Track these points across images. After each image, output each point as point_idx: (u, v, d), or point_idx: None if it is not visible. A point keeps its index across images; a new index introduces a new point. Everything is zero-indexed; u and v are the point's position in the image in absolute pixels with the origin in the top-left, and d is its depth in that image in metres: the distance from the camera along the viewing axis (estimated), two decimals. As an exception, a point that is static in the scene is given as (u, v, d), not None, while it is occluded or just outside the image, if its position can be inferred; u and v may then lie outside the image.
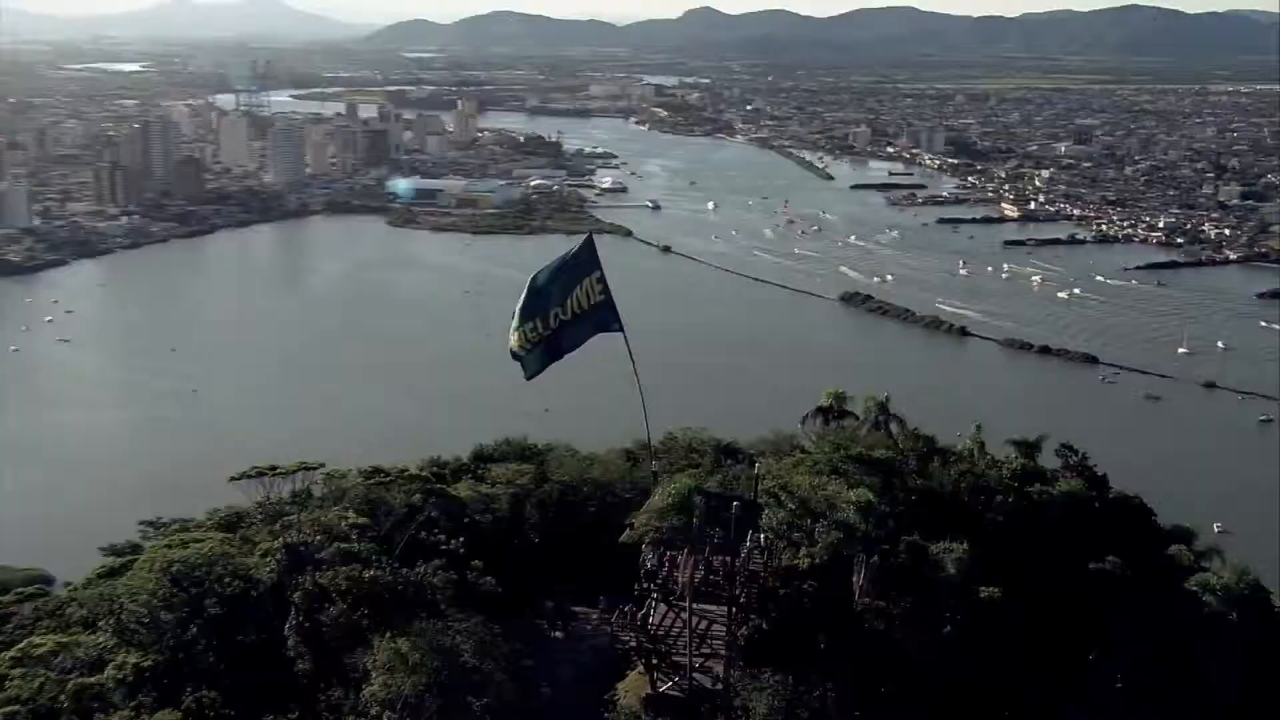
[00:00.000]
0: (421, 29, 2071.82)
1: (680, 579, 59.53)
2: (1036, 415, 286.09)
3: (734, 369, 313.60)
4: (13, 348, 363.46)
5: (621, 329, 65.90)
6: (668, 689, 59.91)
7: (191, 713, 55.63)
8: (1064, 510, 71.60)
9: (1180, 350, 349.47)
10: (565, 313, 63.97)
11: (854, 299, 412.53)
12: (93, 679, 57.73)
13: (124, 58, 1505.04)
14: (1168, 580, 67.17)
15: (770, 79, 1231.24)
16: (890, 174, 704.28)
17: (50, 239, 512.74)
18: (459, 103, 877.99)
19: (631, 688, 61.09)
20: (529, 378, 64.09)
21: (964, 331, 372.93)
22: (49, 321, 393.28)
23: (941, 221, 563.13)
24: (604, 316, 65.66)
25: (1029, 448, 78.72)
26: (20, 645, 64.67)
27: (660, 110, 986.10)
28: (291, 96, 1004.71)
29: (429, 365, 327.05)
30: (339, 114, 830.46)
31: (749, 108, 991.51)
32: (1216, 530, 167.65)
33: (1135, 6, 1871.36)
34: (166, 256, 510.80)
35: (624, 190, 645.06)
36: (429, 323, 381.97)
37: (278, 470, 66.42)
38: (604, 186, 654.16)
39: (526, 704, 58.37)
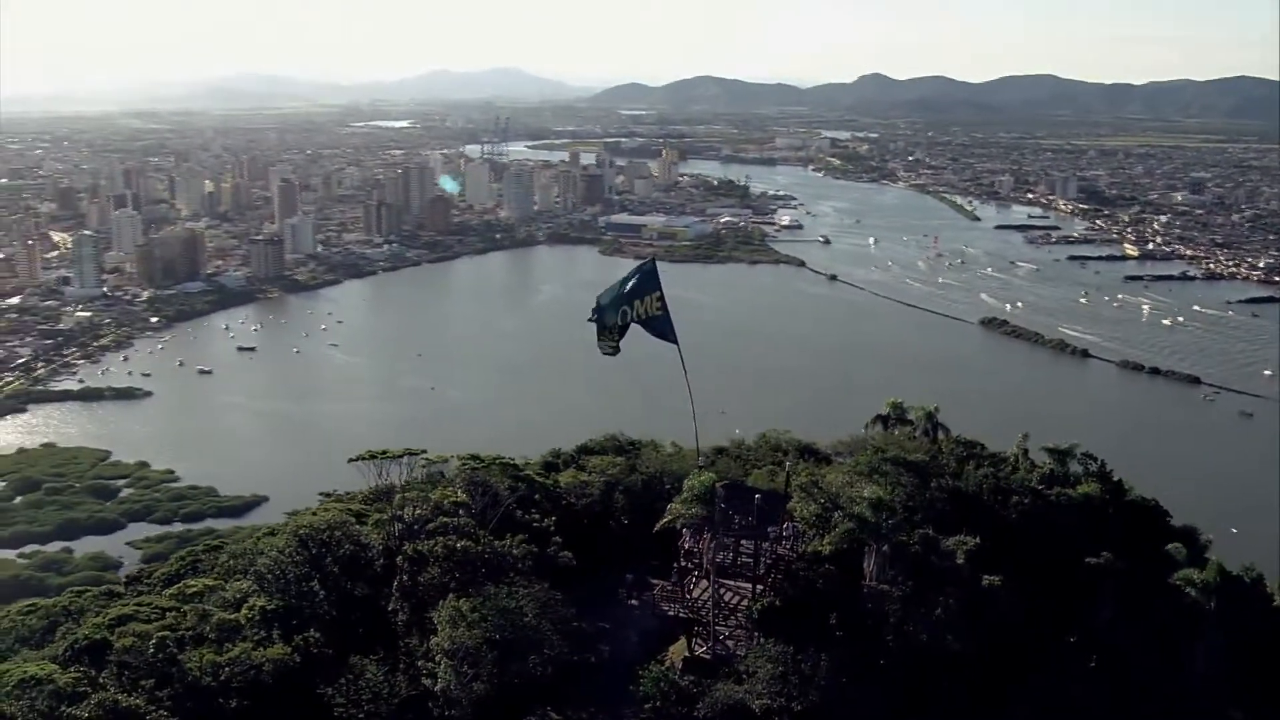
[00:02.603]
0: (636, 91, 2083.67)
1: (704, 559, 59.99)
2: (1146, 426, 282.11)
3: (883, 380, 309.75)
4: (294, 350, 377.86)
5: (676, 341, 66.99)
6: (701, 653, 60.15)
7: (299, 649, 57.27)
8: (1077, 511, 70.01)
9: (1266, 373, 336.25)
10: (626, 318, 65.88)
11: (992, 323, 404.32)
12: (231, 616, 60.05)
13: (395, 116, 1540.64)
14: (1158, 575, 65.49)
15: (930, 134, 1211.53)
16: (1029, 216, 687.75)
17: (328, 262, 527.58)
18: (663, 152, 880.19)
19: (678, 650, 61.38)
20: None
21: (1085, 353, 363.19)
22: (323, 330, 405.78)
23: (1071, 258, 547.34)
24: (662, 328, 66.86)
25: (1061, 454, 76.78)
26: (178, 585, 67.46)
27: (834, 159, 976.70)
28: (526, 146, 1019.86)
29: (628, 370, 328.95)
30: (563, 161, 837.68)
31: (910, 158, 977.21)
32: (1235, 533, 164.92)
33: (1244, 77, 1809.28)
34: (418, 277, 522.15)
35: (799, 227, 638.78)
36: (629, 336, 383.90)
37: (386, 454, 67.96)
38: (783, 224, 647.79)
39: (579, 661, 58.91)
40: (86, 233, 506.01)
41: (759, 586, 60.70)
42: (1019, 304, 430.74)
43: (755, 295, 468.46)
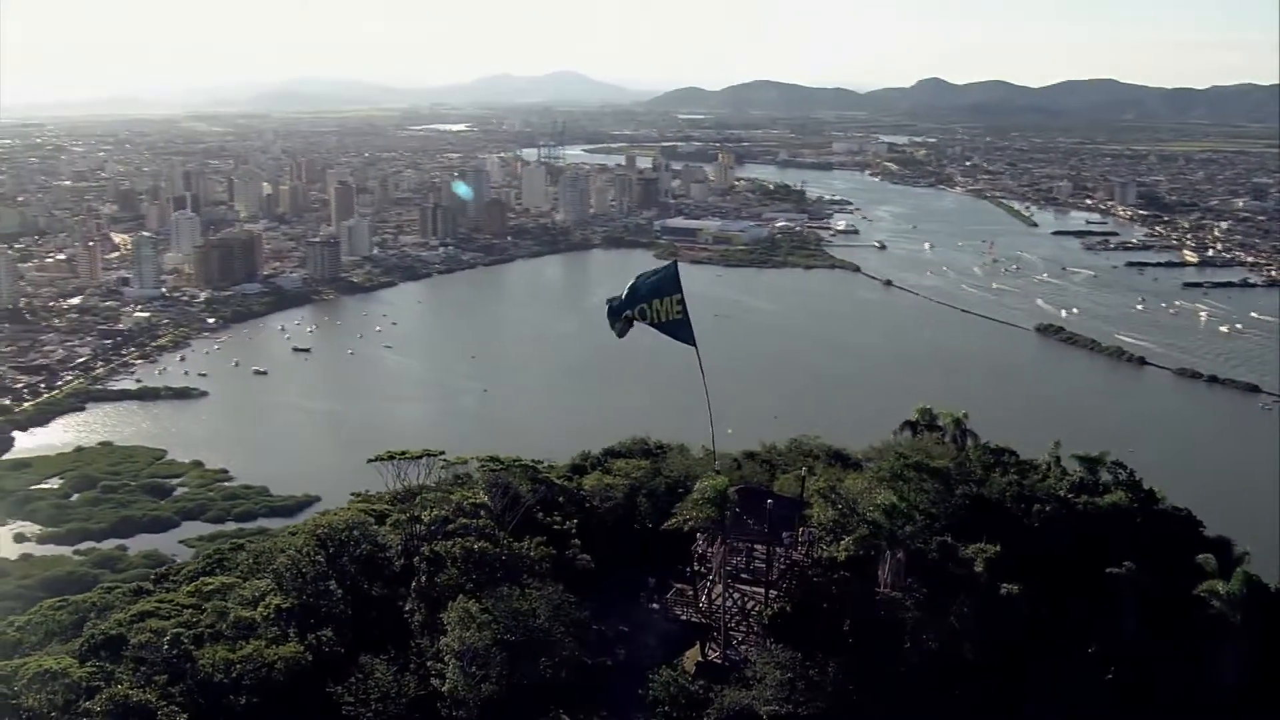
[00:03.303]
0: (694, 95, 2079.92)
1: (714, 562, 59.69)
2: (1200, 435, 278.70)
3: (934, 386, 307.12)
4: (349, 351, 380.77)
5: (694, 345, 66.30)
6: (713, 658, 59.82)
7: (311, 647, 57.79)
8: (1103, 520, 69.00)
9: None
10: (644, 318, 64.76)
11: (1048, 329, 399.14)
12: (247, 613, 60.68)
13: (453, 120, 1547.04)
14: (1185, 586, 64.35)
15: (988, 139, 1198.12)
16: (1087, 222, 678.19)
17: (384, 264, 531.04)
18: (719, 156, 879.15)
19: (694, 655, 61.27)
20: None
21: (1142, 361, 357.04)
22: (378, 331, 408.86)
23: (1129, 264, 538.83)
24: (681, 331, 65.97)
25: (1091, 462, 75.71)
26: (195, 582, 68.06)
27: (891, 164, 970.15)
28: (583, 150, 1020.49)
29: (681, 374, 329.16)
30: (619, 165, 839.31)
31: (968, 163, 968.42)
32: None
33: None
34: (473, 280, 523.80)
35: (855, 232, 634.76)
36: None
37: (406, 454, 68.15)
38: (838, 228, 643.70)
39: (593, 664, 58.89)
40: (146, 234, 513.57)
41: (772, 592, 60.45)
42: (1074, 310, 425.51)
43: (810, 300, 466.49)
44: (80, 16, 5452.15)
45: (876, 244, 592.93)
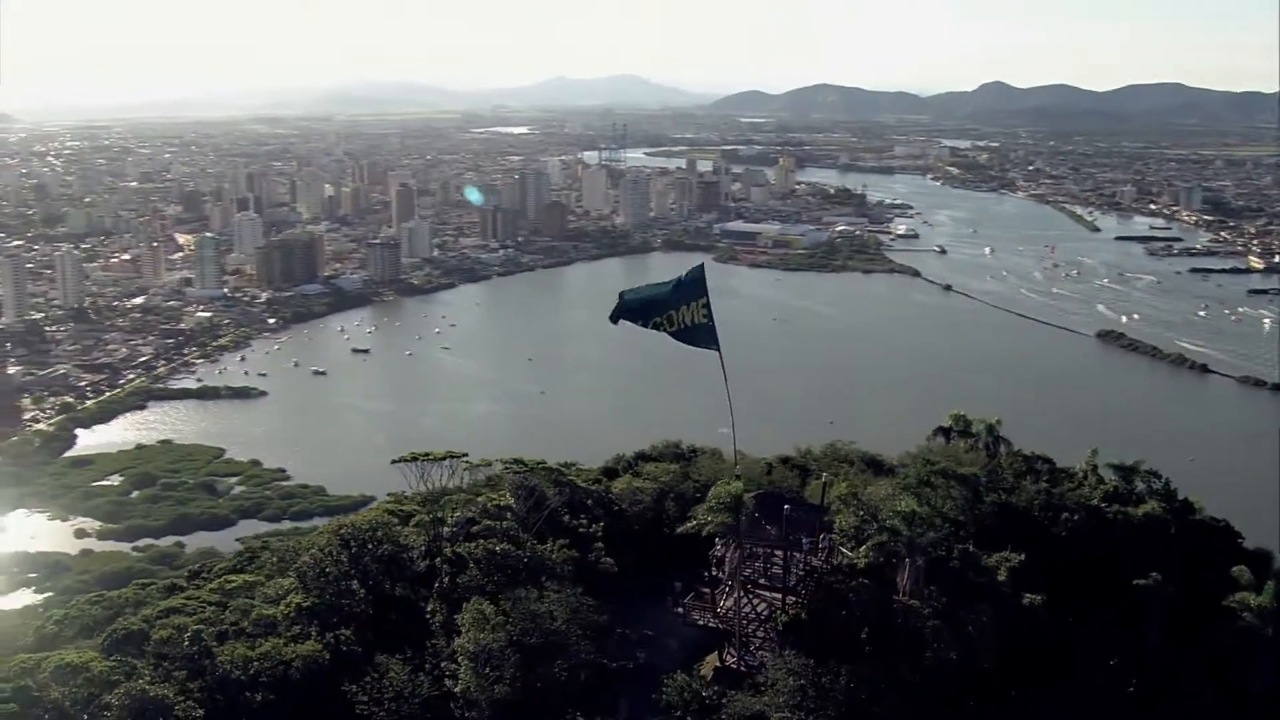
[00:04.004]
0: (755, 98, 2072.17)
1: (730, 567, 59.08)
2: (1262, 444, 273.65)
3: (991, 393, 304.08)
4: (407, 352, 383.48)
5: (718, 349, 65.11)
6: (731, 663, 59.29)
7: (329, 646, 58.01)
8: (1134, 530, 67.70)
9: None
10: (668, 324, 63.00)
11: (1108, 335, 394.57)
12: (269, 611, 61.06)
13: (514, 122, 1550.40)
14: (1216, 598, 62.98)
15: (1051, 143, 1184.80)
16: (1150, 228, 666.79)
17: (444, 266, 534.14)
18: (780, 159, 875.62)
19: (713, 660, 60.90)
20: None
21: (1204, 368, 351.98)
22: (437, 333, 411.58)
23: (1193, 271, 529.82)
24: (705, 336, 64.52)
25: (1126, 471, 74.20)
26: (218, 580, 68.30)
27: (952, 168, 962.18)
28: (644, 153, 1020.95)
29: (738, 378, 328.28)
30: (680, 168, 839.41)
31: (1030, 167, 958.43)
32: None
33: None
34: (532, 282, 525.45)
35: (916, 236, 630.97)
36: (743, 345, 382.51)
37: (429, 456, 67.99)
38: (899, 233, 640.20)
39: (614, 668, 58.72)
40: (209, 235, 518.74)
41: (789, 598, 60.06)
42: (1135, 316, 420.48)
43: (868, 305, 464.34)
44: (146, 21, 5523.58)
45: (936, 248, 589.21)
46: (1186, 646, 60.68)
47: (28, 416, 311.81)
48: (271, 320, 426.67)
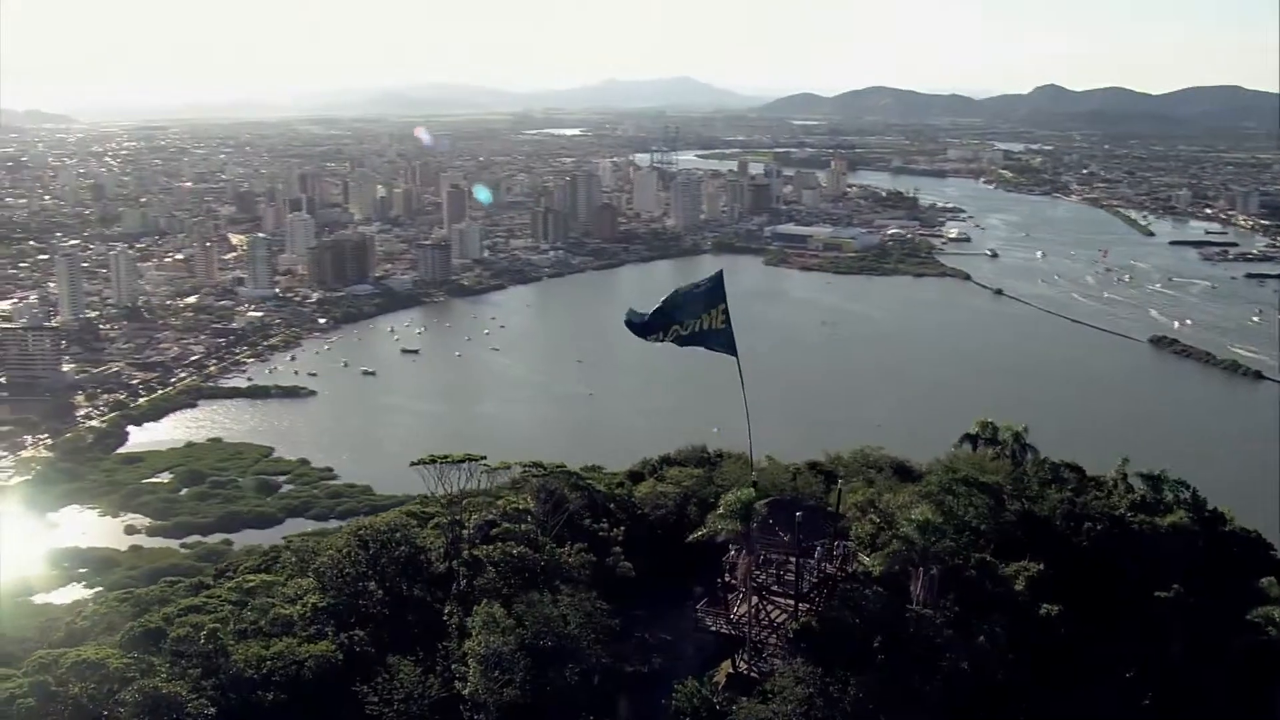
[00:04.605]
0: (808, 101, 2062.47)
1: (738, 574, 59.02)
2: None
3: (1039, 398, 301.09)
4: (456, 353, 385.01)
5: (736, 355, 64.45)
6: (744, 670, 58.97)
7: (342, 646, 58.22)
8: (1159, 541, 66.42)
9: None
10: (685, 329, 63.12)
11: (1161, 341, 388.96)
12: (286, 610, 61.43)
13: (567, 124, 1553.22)
14: (1241, 611, 61.94)
15: (1106, 147, 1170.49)
16: (1206, 232, 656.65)
17: (494, 268, 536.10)
18: (832, 162, 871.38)
19: (727, 666, 60.56)
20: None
21: (1259, 375, 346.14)
22: (486, 334, 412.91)
23: (1249, 276, 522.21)
24: (723, 341, 64.00)
25: (1154, 480, 73.05)
26: (236, 579, 68.61)
27: (1005, 172, 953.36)
28: (696, 155, 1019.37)
29: (787, 381, 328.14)
30: (731, 170, 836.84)
31: (1084, 171, 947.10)
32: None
33: None
34: (582, 284, 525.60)
35: (967, 240, 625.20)
36: (792, 348, 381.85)
37: (448, 458, 68.04)
38: (950, 236, 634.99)
39: (628, 672, 58.63)
40: (261, 235, 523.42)
41: (802, 605, 59.70)
42: (1188, 321, 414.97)
43: (919, 309, 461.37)
44: (207, 24, 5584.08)
45: (988, 252, 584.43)
46: (1207, 660, 59.67)
47: (81, 414, 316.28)
48: (322, 320, 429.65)
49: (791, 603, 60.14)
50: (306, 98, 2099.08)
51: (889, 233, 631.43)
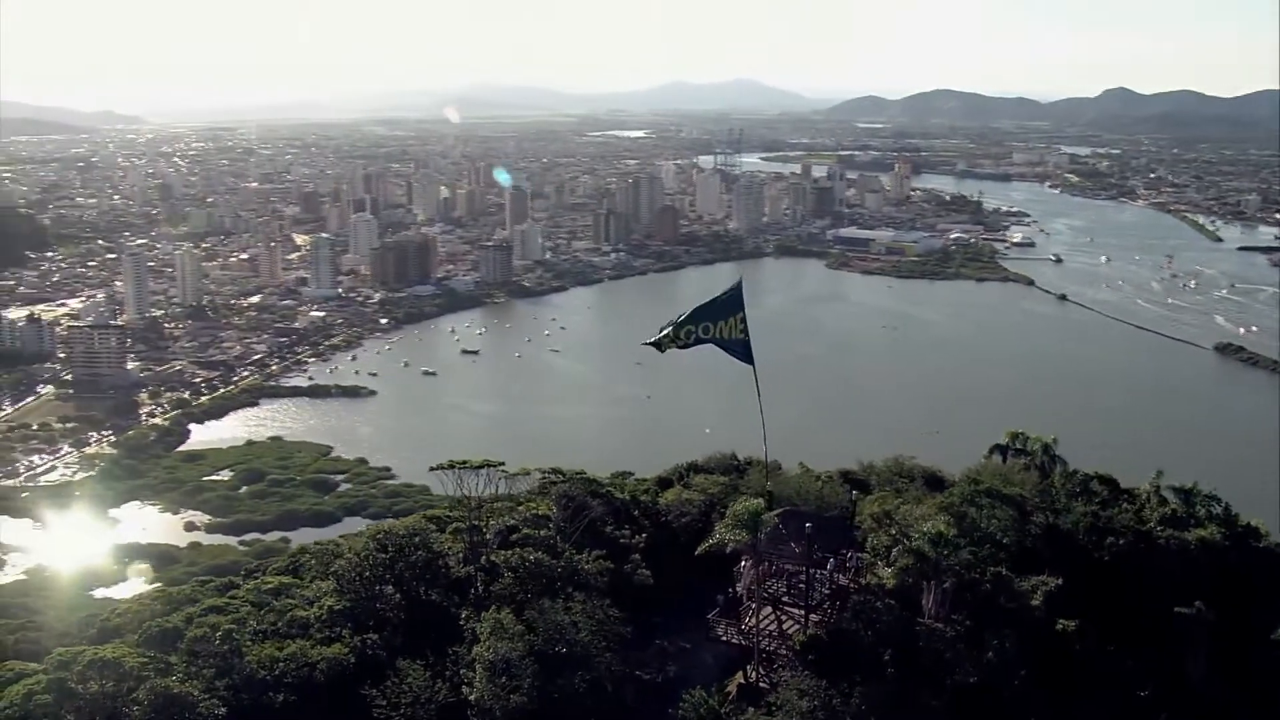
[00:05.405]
0: (873, 104, 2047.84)
1: (745, 584, 59.30)
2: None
3: (1098, 406, 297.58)
4: (516, 354, 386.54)
5: (752, 363, 65.90)
6: (755, 681, 58.31)
7: (355, 649, 58.30)
8: (1185, 556, 64.63)
9: None
10: (703, 334, 64.83)
11: (1227, 349, 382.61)
12: (303, 613, 61.94)
13: (632, 126, 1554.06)
14: (1267, 629, 60.34)
15: (1174, 151, 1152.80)
16: (1276, 237, 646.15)
17: (556, 269, 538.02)
18: (896, 165, 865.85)
19: (739, 677, 59.69)
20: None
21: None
22: (546, 335, 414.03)
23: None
24: (741, 350, 65.96)
25: (1186, 494, 71.35)
26: (255, 581, 68.85)
27: (1071, 175, 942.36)
28: (759, 158, 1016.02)
29: (843, 385, 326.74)
30: (794, 173, 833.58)
31: (1151, 175, 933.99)
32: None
33: None
34: (643, 286, 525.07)
35: (1031, 244, 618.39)
36: (850, 352, 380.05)
37: (466, 464, 68.26)
38: (1014, 241, 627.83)
39: (641, 680, 58.34)
40: (325, 235, 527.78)
41: (813, 616, 59.16)
42: (1254, 328, 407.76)
43: (980, 314, 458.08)
44: (277, 27, 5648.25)
45: (1052, 257, 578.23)
46: (1229, 679, 58.29)
47: (144, 411, 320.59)
48: (383, 320, 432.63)
49: (803, 614, 59.66)
50: (375, 99, 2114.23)
51: (952, 237, 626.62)
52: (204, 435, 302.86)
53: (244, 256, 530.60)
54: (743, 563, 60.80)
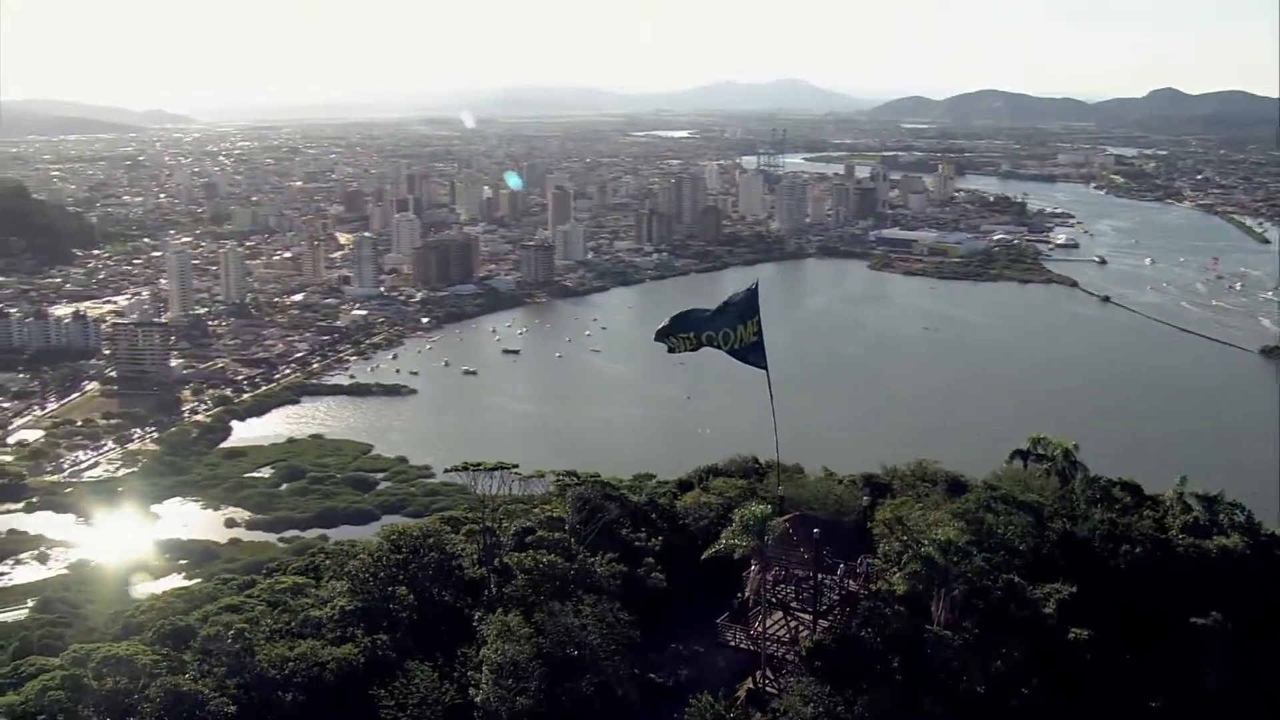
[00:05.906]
0: (918, 104, 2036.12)
1: (750, 589, 59.18)
2: None
3: (1139, 410, 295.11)
4: (557, 354, 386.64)
5: (765, 367, 67.98)
6: (764, 686, 58.34)
7: (365, 649, 58.67)
8: (1205, 564, 63.89)
9: None
10: (723, 341, 67.64)
11: (1273, 352, 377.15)
12: (315, 612, 62.42)
13: (676, 126, 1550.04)
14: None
15: (1222, 152, 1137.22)
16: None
17: (598, 269, 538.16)
18: (940, 166, 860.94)
19: (749, 682, 59.90)
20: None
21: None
22: (587, 335, 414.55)
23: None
24: (754, 354, 68.01)
25: (1209, 502, 70.48)
26: (269, 580, 69.37)
27: (1117, 177, 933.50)
28: (803, 159, 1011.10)
29: (883, 385, 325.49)
30: (838, 174, 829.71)
31: (1198, 176, 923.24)
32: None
33: None
34: (684, 286, 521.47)
35: (1075, 246, 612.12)
36: (891, 353, 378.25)
37: (480, 466, 68.53)
38: (1058, 242, 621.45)
39: (655, 684, 58.80)
40: (367, 235, 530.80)
41: (821, 622, 59.01)
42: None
43: (1023, 315, 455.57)
44: (326, 26, 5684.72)
45: (1096, 259, 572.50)
46: (1246, 691, 57.68)
47: (187, 408, 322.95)
48: (425, 319, 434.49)
49: (811, 619, 59.50)
50: (420, 98, 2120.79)
51: (995, 238, 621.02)
52: (245, 432, 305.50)
53: (287, 255, 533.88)
54: (751, 567, 60.81)
